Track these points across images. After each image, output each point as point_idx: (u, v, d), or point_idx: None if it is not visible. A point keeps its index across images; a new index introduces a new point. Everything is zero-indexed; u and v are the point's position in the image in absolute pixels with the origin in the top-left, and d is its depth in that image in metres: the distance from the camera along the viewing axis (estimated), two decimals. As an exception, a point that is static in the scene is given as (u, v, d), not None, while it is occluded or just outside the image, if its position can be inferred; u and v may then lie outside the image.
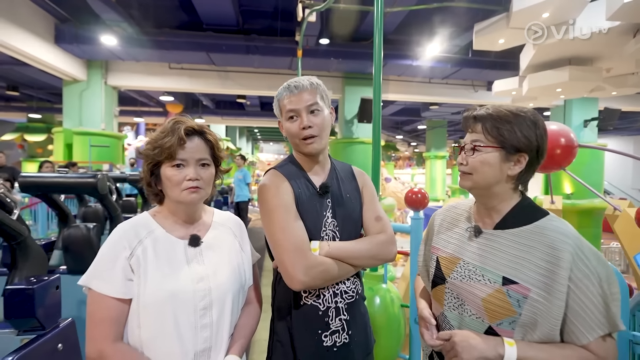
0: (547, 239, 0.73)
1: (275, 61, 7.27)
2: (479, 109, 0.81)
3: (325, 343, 0.91)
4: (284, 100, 0.96)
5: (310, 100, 0.93)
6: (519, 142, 0.75)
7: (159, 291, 0.75)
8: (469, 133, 0.81)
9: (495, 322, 0.75)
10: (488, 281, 0.76)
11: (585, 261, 0.71)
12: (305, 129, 0.92)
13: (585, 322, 0.69)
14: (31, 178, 1.45)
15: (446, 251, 0.86)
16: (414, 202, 1.56)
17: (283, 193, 0.93)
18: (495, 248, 0.78)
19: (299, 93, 0.94)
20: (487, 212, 0.82)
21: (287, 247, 0.88)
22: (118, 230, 0.79)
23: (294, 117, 0.95)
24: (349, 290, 0.96)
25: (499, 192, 0.79)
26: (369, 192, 1.04)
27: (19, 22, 5.44)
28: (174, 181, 0.79)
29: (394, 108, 12.74)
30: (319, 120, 0.94)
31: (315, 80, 0.97)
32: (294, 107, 0.94)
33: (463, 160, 0.80)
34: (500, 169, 0.77)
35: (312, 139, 0.93)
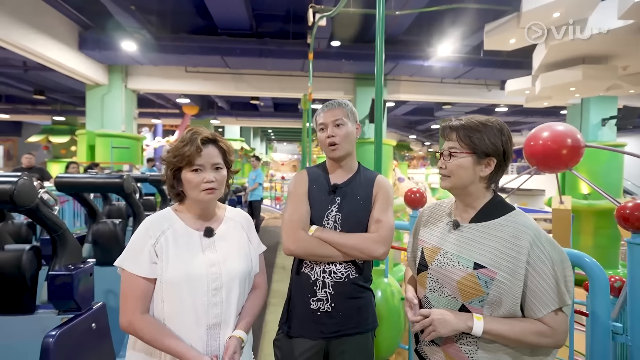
0: (511, 230, 0.87)
1: (288, 63, 7.42)
2: (454, 120, 0.95)
3: (312, 306, 1.14)
4: (318, 115, 1.22)
5: (336, 116, 1.19)
6: (487, 148, 0.89)
7: (177, 272, 0.90)
8: (446, 141, 0.95)
9: (467, 300, 0.88)
10: (462, 266, 0.89)
11: (541, 248, 0.84)
12: (329, 137, 1.17)
13: (540, 299, 0.83)
14: (66, 179, 1.62)
15: (430, 242, 0.99)
16: (413, 201, 1.67)
17: (299, 185, 1.23)
18: (470, 239, 0.91)
19: (328, 110, 1.20)
20: (464, 208, 0.96)
21: (286, 222, 1.17)
22: (145, 222, 0.94)
23: (323, 129, 1.20)
24: (338, 272, 1.14)
25: (473, 191, 0.93)
26: (381, 199, 1.19)
27: (46, 30, 5.76)
28: (194, 183, 0.93)
29: (406, 108, 12.74)
30: (341, 132, 1.18)
31: (345, 102, 1.23)
32: (323, 121, 1.20)
33: (442, 164, 0.94)
34: (473, 171, 0.91)
35: (335, 146, 1.18)
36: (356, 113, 1.24)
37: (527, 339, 0.82)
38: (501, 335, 0.83)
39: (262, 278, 1.12)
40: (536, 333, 0.82)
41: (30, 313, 1.20)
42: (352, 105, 1.24)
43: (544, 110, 11.24)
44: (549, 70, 5.57)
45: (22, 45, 5.33)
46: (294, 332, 1.16)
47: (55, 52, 6.05)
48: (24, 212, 1.09)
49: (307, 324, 1.15)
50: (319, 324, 1.13)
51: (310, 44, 5.73)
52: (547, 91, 5.82)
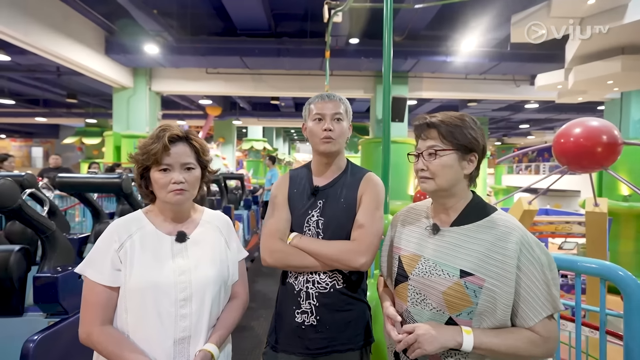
0: (497, 232, 0.80)
1: (306, 63, 7.37)
2: (429, 117, 0.87)
3: (297, 319, 1.05)
4: (315, 104, 1.11)
5: (335, 109, 1.09)
6: (470, 143, 0.84)
7: (142, 281, 0.83)
8: (423, 140, 0.88)
9: (455, 313, 0.80)
10: (447, 275, 0.81)
11: (530, 250, 0.78)
12: (326, 130, 1.07)
13: (532, 306, 0.76)
14: (66, 178, 1.62)
15: (408, 250, 0.91)
16: (422, 203, 1.53)
17: (279, 190, 1.15)
18: (452, 243, 0.84)
19: (328, 101, 1.10)
20: (445, 210, 0.88)
21: (264, 232, 1.09)
22: (112, 226, 0.88)
23: (320, 120, 1.09)
24: (322, 282, 1.05)
25: (457, 191, 0.86)
26: (367, 200, 1.07)
27: (74, 36, 6.00)
28: (160, 184, 0.86)
29: (429, 106, 12.37)
30: (338, 127, 1.09)
31: (339, 97, 1.13)
32: (321, 111, 1.09)
33: (423, 165, 0.86)
34: (458, 169, 0.84)
35: (329, 140, 1.07)
36: (350, 111, 1.15)
37: (520, 352, 0.76)
38: (493, 350, 0.76)
39: (241, 287, 1.03)
40: (529, 343, 0.77)
41: (19, 315, 1.19)
42: (347, 102, 1.15)
43: (579, 106, 10.57)
44: (584, 62, 5.18)
45: (53, 51, 5.58)
46: (280, 347, 1.07)
47: (83, 57, 6.30)
48: (6, 213, 1.07)
49: (292, 338, 1.05)
50: (304, 338, 1.03)
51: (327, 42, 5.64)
52: (581, 85, 5.42)
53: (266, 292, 3.72)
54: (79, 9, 5.95)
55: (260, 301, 3.49)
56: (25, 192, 1.15)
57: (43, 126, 17.62)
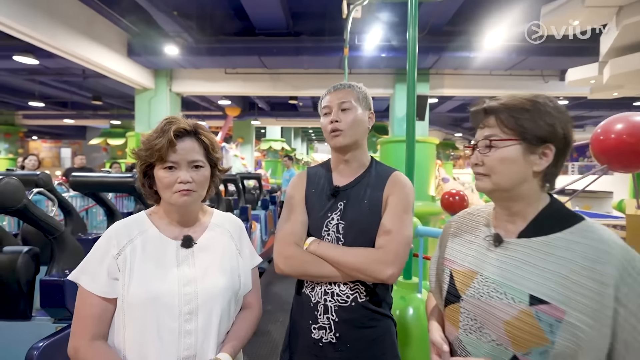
0: (586, 250, 0.61)
1: (325, 61, 7.27)
2: (489, 100, 0.71)
3: (313, 335, 0.95)
4: (323, 98, 1.03)
5: (343, 98, 0.98)
6: (542, 131, 0.65)
7: (142, 292, 0.74)
8: (480, 129, 0.71)
9: (522, 351, 0.62)
10: (512, 300, 0.64)
11: (636, 277, 0.58)
12: (332, 122, 0.97)
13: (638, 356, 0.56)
14: (79, 178, 1.59)
15: (461, 264, 0.75)
16: (452, 205, 1.40)
17: (295, 189, 1.04)
18: (520, 260, 0.66)
19: (335, 92, 1.00)
20: (510, 217, 0.70)
21: (278, 236, 0.99)
22: (111, 229, 0.80)
23: (327, 113, 1.00)
24: (342, 294, 0.93)
25: (525, 193, 0.68)
26: (394, 202, 0.95)
27: (98, 39, 6.15)
28: (165, 183, 0.78)
29: (451, 104, 12.03)
30: (347, 117, 0.97)
31: (356, 84, 1.02)
32: (327, 104, 1.00)
33: (478, 160, 0.70)
34: (524, 165, 0.66)
35: (338, 132, 0.97)
36: (370, 98, 1.03)
37: None
38: None
39: (254, 297, 0.94)
40: None
41: (27, 319, 1.14)
42: (365, 89, 1.03)
43: (613, 102, 9.98)
44: (621, 54, 4.84)
45: (78, 54, 5.73)
46: None
47: (107, 59, 6.45)
48: (11, 213, 1.02)
49: (307, 356, 0.95)
50: (321, 357, 0.93)
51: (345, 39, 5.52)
52: (617, 79, 5.08)
53: (283, 295, 3.65)
54: (102, 12, 6.08)
55: (278, 304, 3.41)
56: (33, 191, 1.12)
57: (71, 128, 18.30)
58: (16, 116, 13.63)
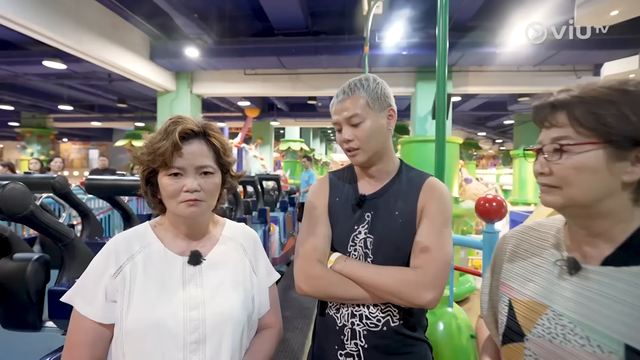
0: None
1: (344, 60, 7.16)
2: (557, 93, 0.55)
3: None
4: (333, 109, 0.89)
5: (350, 112, 0.84)
6: (635, 130, 0.49)
7: (142, 318, 0.66)
8: (546, 129, 0.56)
9: None
10: (598, 348, 0.50)
11: None
12: (345, 142, 0.86)
13: None
14: (93, 181, 1.56)
15: (524, 293, 0.61)
16: (488, 212, 1.27)
17: (317, 197, 0.93)
18: (608, 295, 0.51)
19: (340, 102, 0.87)
20: (590, 239, 0.55)
21: (299, 252, 0.88)
22: (109, 243, 0.72)
23: (338, 128, 0.89)
24: (372, 317, 0.82)
25: (611, 210, 0.53)
26: (431, 213, 0.83)
27: (122, 43, 6.28)
28: (169, 192, 0.69)
29: (475, 102, 11.63)
30: (360, 132, 0.84)
31: (359, 83, 0.86)
32: (335, 119, 0.88)
33: (544, 168, 0.56)
34: (610, 175, 0.51)
35: (355, 152, 0.86)
36: (386, 93, 0.86)
37: None
38: None
39: (273, 317, 0.84)
40: None
41: (36, 330, 1.10)
42: (375, 83, 0.86)
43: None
44: (666, 46, 4.48)
45: (103, 58, 5.87)
46: None
47: (131, 63, 6.58)
48: (18, 220, 0.98)
49: None
50: None
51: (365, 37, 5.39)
52: (662, 73, 4.69)
53: (303, 300, 3.55)
54: (126, 16, 6.20)
55: (297, 309, 3.32)
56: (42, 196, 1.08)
57: (98, 130, 18.97)
58: (48, 119, 14.22)
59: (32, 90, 10.73)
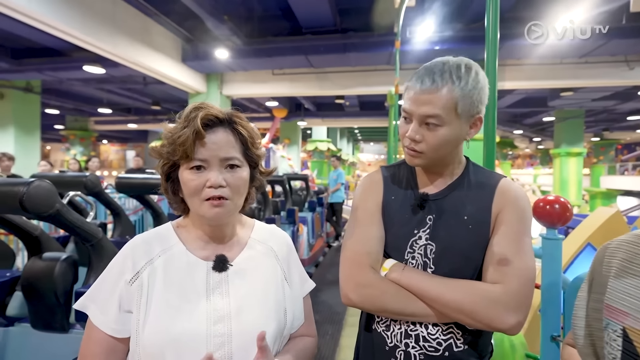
0: None
1: (373, 57, 7.00)
2: None
3: None
4: (408, 91, 0.72)
5: (429, 110, 0.68)
6: None
7: (160, 332, 0.58)
8: None
9: None
10: None
11: None
12: (410, 140, 0.72)
13: None
14: (124, 180, 1.54)
15: None
16: (549, 215, 1.11)
17: (368, 195, 0.80)
18: None
19: (421, 93, 0.69)
20: None
21: (347, 255, 0.76)
22: (127, 246, 0.65)
23: (406, 118, 0.73)
24: (432, 339, 0.69)
25: None
26: (509, 221, 0.70)
27: (156, 47, 6.47)
28: (191, 188, 0.61)
29: (511, 98, 11.04)
30: (432, 138, 0.70)
31: (456, 73, 0.68)
32: (408, 108, 0.71)
33: None
34: None
35: (416, 155, 0.73)
36: (479, 98, 0.70)
37: None
38: None
39: (308, 328, 0.75)
40: None
41: (64, 332, 1.07)
42: (476, 81, 0.69)
43: None
44: None
45: (138, 61, 6.07)
46: None
47: (164, 65, 6.78)
48: (44, 219, 0.95)
49: None
50: None
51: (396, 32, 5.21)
52: None
53: (332, 304, 3.44)
54: (159, 21, 6.39)
55: (326, 314, 3.22)
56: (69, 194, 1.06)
57: (135, 132, 19.84)
58: (89, 122, 15.04)
59: (75, 94, 11.35)
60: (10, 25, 5.43)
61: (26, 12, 4.03)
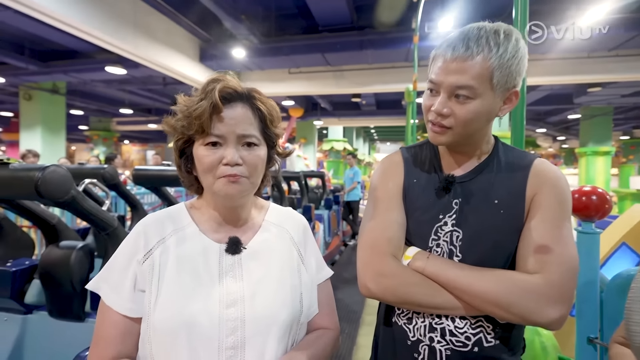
0: None
1: (390, 54, 6.90)
2: None
3: None
4: (436, 61, 0.65)
5: (461, 79, 0.61)
6: None
7: (171, 315, 0.55)
8: None
9: None
10: None
11: None
12: (436, 113, 0.64)
13: None
14: (141, 171, 1.55)
15: None
16: (585, 207, 1.03)
17: (388, 178, 0.74)
18: None
19: (452, 60, 0.61)
20: None
21: (365, 241, 0.70)
22: (139, 224, 0.63)
23: (432, 91, 0.66)
24: (459, 332, 0.63)
25: None
26: (546, 204, 0.63)
27: (174, 47, 6.58)
28: (205, 164, 0.58)
29: (535, 95, 10.67)
30: (462, 112, 0.63)
31: (494, 39, 0.60)
32: (435, 79, 0.64)
33: None
34: None
35: (442, 130, 0.65)
36: (518, 69, 0.62)
37: None
38: None
39: (328, 319, 0.70)
40: None
41: (79, 320, 1.06)
42: (515, 49, 0.61)
43: None
44: None
45: (158, 62, 6.20)
46: None
47: (183, 66, 6.89)
48: (60, 205, 0.94)
49: None
50: None
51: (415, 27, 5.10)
52: None
53: (349, 303, 3.39)
54: (178, 21, 6.49)
55: (343, 312, 3.18)
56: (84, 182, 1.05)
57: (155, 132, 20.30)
58: (111, 123, 15.51)
59: (98, 95, 11.71)
60: (38, 28, 5.63)
61: (54, 14, 4.17)
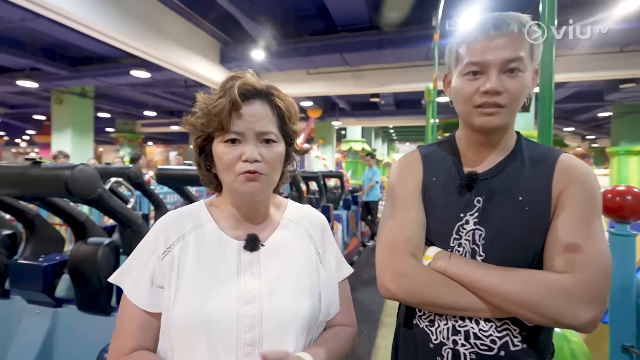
0: None
1: (409, 53, 6.82)
2: None
3: None
4: (469, 44, 0.64)
5: (510, 53, 0.61)
6: None
7: (190, 312, 0.56)
8: None
9: None
10: None
11: None
12: (489, 93, 0.62)
13: None
14: (164, 171, 1.59)
15: None
16: (620, 208, 0.97)
17: (407, 177, 0.73)
18: None
19: (496, 37, 0.62)
20: None
21: (384, 241, 0.69)
22: (160, 221, 0.64)
23: (476, 73, 0.64)
24: (484, 336, 0.61)
25: None
26: (574, 201, 0.61)
27: (196, 50, 6.74)
28: (225, 162, 0.59)
29: (562, 93, 10.27)
30: (515, 86, 0.62)
31: (525, 20, 0.63)
32: (480, 59, 0.62)
33: None
34: None
35: (495, 110, 0.63)
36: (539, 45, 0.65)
37: None
38: None
39: (345, 316, 0.70)
40: None
41: (106, 315, 1.10)
42: (535, 31, 0.63)
43: None
44: None
45: (180, 65, 6.36)
46: None
47: (204, 68, 7.05)
48: (87, 203, 0.97)
49: None
50: None
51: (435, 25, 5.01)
52: None
53: (368, 304, 3.37)
54: (199, 24, 6.64)
55: (361, 313, 3.15)
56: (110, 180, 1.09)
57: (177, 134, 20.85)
58: (136, 125, 16.05)
59: (124, 99, 12.15)
60: (68, 35, 5.89)
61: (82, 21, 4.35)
